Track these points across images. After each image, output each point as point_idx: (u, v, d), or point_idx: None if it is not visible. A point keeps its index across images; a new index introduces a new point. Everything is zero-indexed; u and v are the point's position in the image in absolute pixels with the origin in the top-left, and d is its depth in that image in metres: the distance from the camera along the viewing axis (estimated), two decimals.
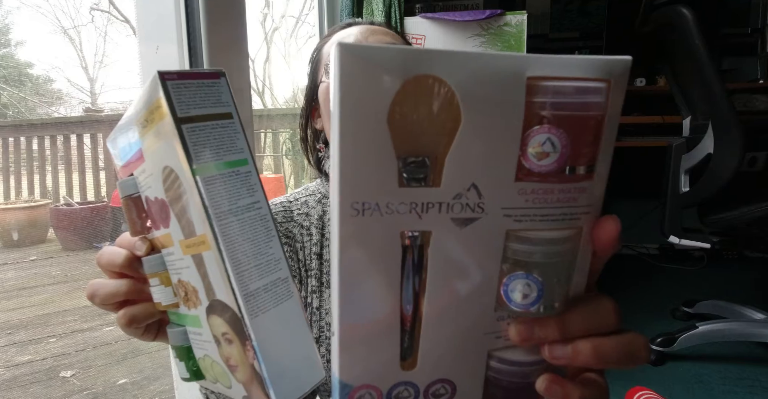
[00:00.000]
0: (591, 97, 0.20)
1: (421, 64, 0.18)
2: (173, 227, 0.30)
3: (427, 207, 0.20)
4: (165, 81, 0.26)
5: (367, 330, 0.22)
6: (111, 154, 0.37)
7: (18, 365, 1.53)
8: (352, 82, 0.18)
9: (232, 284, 0.27)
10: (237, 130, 0.29)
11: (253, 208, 0.29)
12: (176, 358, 0.36)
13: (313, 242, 0.61)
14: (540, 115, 0.19)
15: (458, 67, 0.19)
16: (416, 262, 0.21)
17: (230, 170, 0.28)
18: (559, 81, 0.19)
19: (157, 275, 0.34)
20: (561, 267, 0.22)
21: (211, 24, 0.73)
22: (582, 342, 0.23)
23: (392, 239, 0.20)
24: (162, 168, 0.29)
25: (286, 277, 0.30)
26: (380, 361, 0.22)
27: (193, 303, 0.32)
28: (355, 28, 0.61)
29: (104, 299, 0.35)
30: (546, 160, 0.20)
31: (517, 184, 0.20)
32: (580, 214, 0.21)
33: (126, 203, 0.34)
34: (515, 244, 0.21)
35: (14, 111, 3.09)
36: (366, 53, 0.18)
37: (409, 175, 0.20)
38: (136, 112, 0.30)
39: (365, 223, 0.20)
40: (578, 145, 0.20)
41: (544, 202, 0.21)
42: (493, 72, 0.19)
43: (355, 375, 0.22)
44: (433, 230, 0.21)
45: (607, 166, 0.21)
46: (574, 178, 0.21)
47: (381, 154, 0.19)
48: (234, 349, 0.29)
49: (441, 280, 0.21)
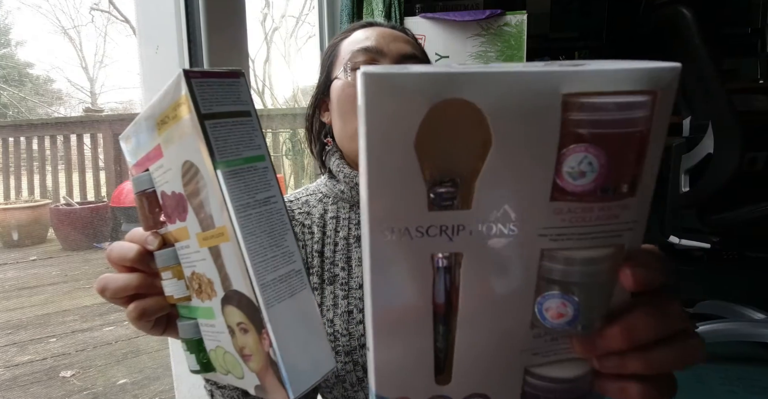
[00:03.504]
0: (634, 112, 0.18)
1: (448, 88, 0.18)
2: (190, 221, 0.31)
3: (458, 229, 0.20)
4: (190, 79, 0.27)
5: (402, 347, 0.22)
6: (124, 151, 0.38)
7: (18, 365, 1.53)
8: (378, 109, 0.18)
9: (249, 274, 0.28)
10: (255, 128, 0.30)
11: (269, 202, 0.30)
12: (186, 351, 0.37)
13: (315, 240, 0.62)
14: (577, 133, 0.18)
15: (488, 89, 0.18)
16: (448, 284, 0.21)
17: (249, 165, 0.29)
18: (597, 97, 0.18)
19: (170, 269, 0.35)
20: (600, 287, 0.21)
21: (211, 24, 0.73)
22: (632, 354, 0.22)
23: (423, 262, 0.20)
24: (182, 163, 0.30)
25: (300, 269, 0.31)
26: (415, 375, 0.23)
27: (207, 295, 0.33)
28: (377, 30, 0.61)
29: (115, 293, 0.35)
30: (583, 180, 0.19)
31: (553, 203, 0.19)
32: (622, 230, 0.20)
33: (140, 199, 0.35)
34: (550, 264, 0.20)
35: (14, 111, 3.09)
36: (390, 80, 0.18)
37: (438, 200, 0.19)
38: (155, 110, 0.31)
39: (395, 247, 0.20)
40: (619, 165, 0.19)
41: (582, 221, 0.20)
42: (525, 90, 0.18)
43: (389, 387, 0.23)
44: (464, 252, 0.20)
45: (653, 179, 0.20)
46: (614, 197, 0.19)
47: (409, 179, 0.19)
48: (249, 338, 0.30)
49: (473, 301, 0.21)
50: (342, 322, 0.57)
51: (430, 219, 0.20)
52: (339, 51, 0.63)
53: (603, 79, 0.18)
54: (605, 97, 0.18)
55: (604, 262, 0.20)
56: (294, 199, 0.66)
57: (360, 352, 0.56)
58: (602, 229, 0.20)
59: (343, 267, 0.60)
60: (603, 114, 0.18)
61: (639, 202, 0.20)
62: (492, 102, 0.18)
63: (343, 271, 0.59)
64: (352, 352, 0.56)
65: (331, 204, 0.64)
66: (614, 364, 0.22)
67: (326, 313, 0.58)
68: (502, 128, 0.18)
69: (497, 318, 0.22)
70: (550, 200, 0.19)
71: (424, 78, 0.18)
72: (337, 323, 0.57)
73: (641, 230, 0.21)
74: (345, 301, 0.58)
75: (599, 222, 0.20)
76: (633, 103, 0.18)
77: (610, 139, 0.18)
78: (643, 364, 0.22)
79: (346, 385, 0.56)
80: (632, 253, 0.21)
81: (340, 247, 0.61)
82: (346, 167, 0.62)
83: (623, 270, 0.21)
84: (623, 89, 0.18)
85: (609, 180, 0.19)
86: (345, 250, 0.60)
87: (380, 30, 0.62)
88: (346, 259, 0.60)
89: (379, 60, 0.59)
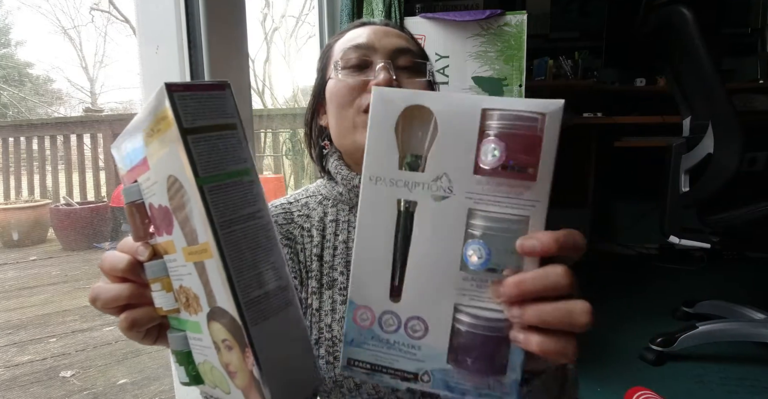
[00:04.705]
0: (525, 122, 0.29)
1: (416, 99, 0.30)
2: (176, 234, 0.31)
3: (415, 185, 0.31)
4: (172, 92, 0.27)
5: (372, 267, 0.32)
6: (115, 159, 0.37)
7: (18, 365, 1.53)
8: (379, 108, 0.31)
9: (233, 292, 0.27)
10: (240, 141, 0.29)
11: (254, 217, 0.29)
12: (176, 362, 0.36)
13: (314, 244, 0.61)
14: (488, 131, 0.29)
15: (438, 102, 0.30)
16: (407, 222, 0.31)
17: (233, 180, 0.29)
18: (502, 111, 0.29)
19: (159, 280, 0.34)
20: (506, 240, 0.29)
21: (211, 24, 0.73)
22: (529, 305, 0.29)
23: (392, 203, 0.31)
24: (166, 177, 0.30)
25: (287, 284, 0.30)
26: (376, 290, 0.32)
27: (194, 309, 0.32)
28: (370, 28, 0.61)
29: (106, 303, 0.35)
30: (492, 160, 0.29)
31: (475, 176, 0.30)
32: (525, 205, 0.29)
33: (130, 209, 0.35)
34: (473, 220, 0.30)
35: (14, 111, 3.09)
36: (386, 93, 0.31)
37: (406, 164, 0.31)
38: (142, 121, 0.31)
39: (377, 190, 0.31)
40: (517, 152, 0.29)
41: (496, 192, 0.29)
42: (461, 104, 0.30)
43: (359, 296, 0.32)
44: (419, 201, 0.31)
45: (548, 175, 0.29)
46: (514, 175, 0.29)
47: (390, 148, 0.31)
48: (234, 355, 0.30)
49: (422, 238, 0.31)
50: (340, 328, 0.56)
51: (399, 175, 0.31)
52: (332, 52, 0.62)
53: (510, 102, 0.29)
54: (508, 111, 0.29)
55: (510, 223, 0.29)
56: (293, 200, 0.66)
57: None
58: (510, 200, 0.29)
59: (342, 271, 0.59)
60: (505, 120, 0.29)
61: (539, 187, 0.29)
62: (439, 109, 0.30)
63: (342, 276, 0.59)
64: None
65: (331, 206, 0.63)
66: (516, 313, 0.29)
67: (324, 318, 0.57)
68: (445, 125, 0.30)
69: (436, 256, 0.30)
70: (473, 173, 0.30)
71: (402, 93, 0.31)
72: (335, 329, 0.56)
73: (542, 209, 0.29)
74: (343, 307, 0.57)
75: (507, 194, 0.29)
76: (526, 116, 0.29)
77: (510, 136, 0.29)
78: (535, 315, 0.28)
79: (344, 391, 0.56)
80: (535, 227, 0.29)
81: (339, 251, 0.60)
82: (344, 169, 0.61)
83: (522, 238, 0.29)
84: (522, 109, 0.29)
85: (506, 161, 0.29)
86: (344, 254, 0.60)
87: (372, 27, 0.62)
88: (345, 263, 0.59)
89: (371, 56, 0.58)
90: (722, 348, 1.61)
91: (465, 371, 0.31)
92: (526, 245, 0.29)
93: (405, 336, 0.31)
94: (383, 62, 0.57)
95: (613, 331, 1.82)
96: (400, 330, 0.31)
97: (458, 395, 0.31)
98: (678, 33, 1.41)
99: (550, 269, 0.29)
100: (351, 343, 0.32)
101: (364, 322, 0.32)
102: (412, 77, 0.60)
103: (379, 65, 0.57)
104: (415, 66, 0.60)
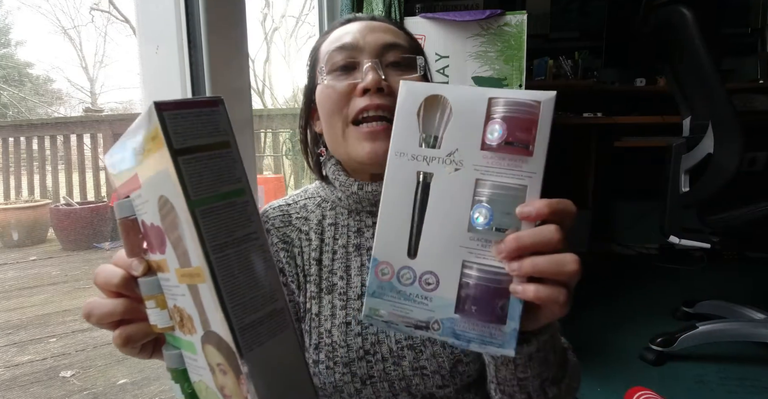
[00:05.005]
0: (524, 107, 0.34)
1: (434, 91, 0.36)
2: (169, 255, 0.30)
3: (432, 159, 0.36)
4: (161, 112, 0.26)
5: (393, 228, 0.36)
6: (107, 170, 0.36)
7: (18, 365, 1.53)
8: (406, 97, 0.37)
9: (226, 318, 0.27)
10: (234, 159, 0.28)
11: (249, 239, 0.28)
12: (172, 379, 0.36)
13: (312, 248, 0.60)
14: (493, 115, 0.35)
15: (453, 92, 0.36)
16: (425, 190, 0.36)
17: (227, 201, 0.28)
18: (506, 98, 0.34)
19: (153, 298, 0.33)
20: (507, 204, 0.34)
21: (211, 24, 0.72)
22: (526, 258, 0.33)
23: (413, 174, 0.36)
24: (158, 197, 0.29)
25: (282, 307, 0.29)
26: (397, 248, 0.36)
27: (189, 329, 0.32)
28: (354, 25, 0.59)
29: (100, 319, 0.35)
30: (495, 137, 0.34)
31: (482, 152, 0.35)
32: (523, 176, 0.34)
33: (122, 224, 0.34)
34: (480, 188, 0.35)
35: (14, 111, 3.09)
36: (411, 86, 0.37)
37: (425, 141, 0.36)
38: (134, 138, 0.30)
39: (400, 163, 0.37)
40: (517, 131, 0.34)
41: (499, 165, 0.35)
42: (471, 94, 0.35)
43: (381, 253, 0.37)
44: (435, 172, 0.36)
45: (543, 152, 0.34)
46: (514, 150, 0.34)
47: (412, 129, 0.36)
48: (228, 379, 0.29)
49: (437, 203, 0.36)
50: (340, 334, 0.56)
51: (419, 151, 0.36)
52: (319, 55, 0.60)
53: (512, 93, 0.34)
54: (510, 99, 0.34)
55: (510, 190, 0.34)
56: (292, 202, 0.65)
57: (358, 364, 0.55)
58: (510, 172, 0.34)
59: (341, 276, 0.58)
60: (507, 106, 0.34)
61: (535, 161, 0.34)
62: (453, 97, 0.36)
63: (341, 281, 0.58)
64: (350, 364, 0.55)
65: (329, 209, 0.62)
66: (515, 266, 0.33)
67: (324, 323, 0.57)
68: (458, 110, 0.35)
69: (448, 219, 0.35)
70: (480, 149, 0.35)
71: (423, 86, 0.37)
72: (335, 334, 0.56)
73: (538, 180, 0.34)
74: (343, 312, 0.56)
75: (509, 167, 0.34)
76: (525, 102, 0.34)
77: (510, 118, 0.34)
78: (530, 265, 0.33)
79: (344, 396, 0.56)
80: (531, 195, 0.34)
81: (339, 256, 0.59)
82: (342, 174, 0.60)
83: (520, 205, 0.34)
84: (520, 98, 0.34)
85: (508, 138, 0.34)
86: (344, 258, 0.59)
87: (357, 24, 0.59)
88: (345, 267, 0.58)
89: (357, 56, 0.56)
90: (722, 348, 1.61)
91: (470, 319, 0.35)
92: (524, 211, 0.33)
93: (419, 288, 0.36)
94: (370, 62, 0.55)
95: (613, 331, 1.82)
96: (416, 283, 0.36)
97: (464, 342, 0.35)
98: (678, 33, 1.41)
99: (543, 227, 0.33)
100: (372, 294, 0.37)
101: (385, 276, 0.37)
102: (402, 74, 0.57)
103: (366, 65, 0.55)
104: (405, 61, 0.57)
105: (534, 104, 0.34)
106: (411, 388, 0.55)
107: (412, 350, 0.54)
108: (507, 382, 0.45)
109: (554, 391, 0.45)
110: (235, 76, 0.76)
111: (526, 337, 0.40)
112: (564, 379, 0.46)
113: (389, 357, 0.55)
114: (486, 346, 0.35)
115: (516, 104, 0.34)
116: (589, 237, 2.53)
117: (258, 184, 2.61)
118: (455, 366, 0.54)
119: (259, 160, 3.35)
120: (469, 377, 0.56)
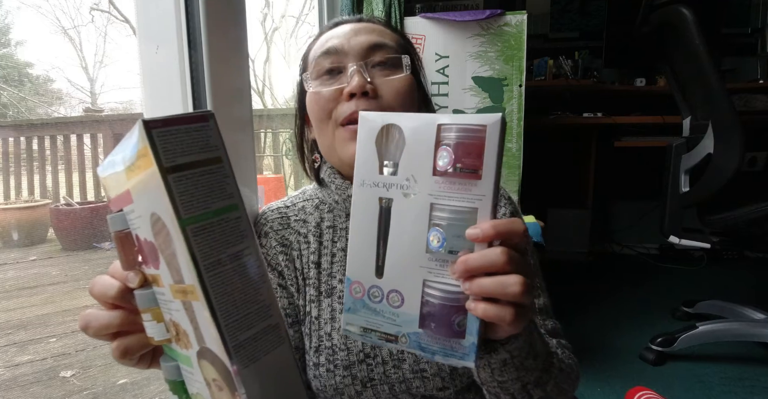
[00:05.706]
0: (470, 133, 0.35)
1: (389, 120, 0.38)
2: (163, 270, 0.30)
3: (391, 185, 0.38)
4: (150, 129, 0.25)
5: (362, 250, 0.39)
6: (101, 182, 0.36)
7: (18, 365, 1.53)
8: (364, 127, 0.39)
9: (221, 336, 0.26)
10: (226, 175, 0.28)
11: (242, 255, 0.28)
12: (170, 390, 0.36)
13: (311, 251, 0.60)
14: (443, 141, 0.36)
15: (406, 120, 0.37)
16: (386, 215, 0.38)
17: (219, 218, 0.27)
18: (454, 125, 0.36)
19: (150, 311, 0.33)
20: (459, 227, 0.36)
21: (211, 24, 0.72)
22: (475, 279, 0.34)
23: (375, 200, 0.39)
24: (150, 213, 0.29)
25: (277, 323, 0.29)
26: (365, 269, 0.39)
27: (185, 344, 0.32)
28: (340, 29, 0.59)
29: (97, 331, 0.35)
30: (444, 163, 0.36)
31: (434, 177, 0.36)
32: (474, 199, 0.35)
33: (116, 238, 0.33)
34: (434, 212, 0.36)
35: (14, 111, 3.09)
36: (368, 116, 0.39)
37: (385, 168, 0.38)
38: (124, 154, 0.29)
39: (363, 191, 0.39)
40: (464, 157, 0.35)
41: (450, 189, 0.36)
42: (422, 122, 0.37)
43: (353, 273, 0.40)
44: (394, 198, 0.38)
45: (492, 175, 0.35)
46: (463, 175, 0.35)
47: (371, 157, 0.39)
48: (224, 395, 0.29)
49: (397, 227, 0.38)
50: (340, 337, 0.56)
51: (379, 178, 0.38)
52: (308, 61, 0.60)
53: (460, 118, 0.36)
54: (457, 125, 0.35)
55: (461, 214, 0.35)
56: (290, 204, 0.65)
57: (359, 367, 0.55)
58: (461, 195, 0.35)
59: (341, 279, 0.58)
60: (454, 132, 0.35)
61: (484, 184, 0.35)
62: (407, 125, 0.37)
63: (341, 284, 0.58)
64: (350, 367, 0.55)
65: (327, 211, 0.62)
66: (466, 286, 0.35)
67: (324, 326, 0.57)
68: (410, 138, 0.37)
69: (408, 241, 0.37)
70: (432, 175, 0.36)
71: (380, 115, 0.38)
72: (335, 337, 0.56)
73: (488, 202, 0.35)
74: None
75: (459, 191, 0.36)
76: (471, 128, 0.35)
77: (458, 144, 0.35)
78: (477, 286, 0.34)
79: (345, 398, 0.56)
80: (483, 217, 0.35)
81: (337, 259, 0.59)
82: (337, 178, 0.60)
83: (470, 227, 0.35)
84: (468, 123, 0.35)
85: (456, 164, 0.35)
86: (343, 261, 0.59)
87: (343, 28, 0.59)
88: (344, 271, 0.58)
89: (343, 60, 0.56)
90: (722, 348, 1.61)
91: (432, 334, 0.37)
92: (471, 233, 0.35)
93: (387, 305, 0.39)
94: (355, 65, 0.55)
95: (613, 331, 1.82)
96: (384, 300, 0.39)
97: (429, 354, 0.38)
98: (678, 33, 1.41)
99: (490, 250, 0.34)
100: (348, 310, 0.40)
101: (357, 294, 0.40)
102: (389, 74, 0.56)
103: (351, 69, 0.55)
104: (391, 61, 0.57)
105: (480, 128, 0.35)
106: (411, 390, 0.55)
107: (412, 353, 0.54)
108: (489, 384, 0.45)
109: (539, 393, 0.46)
110: (235, 76, 0.76)
111: (494, 346, 0.41)
112: (549, 382, 0.46)
113: (389, 360, 0.55)
114: (448, 358, 0.37)
115: (463, 130, 0.35)
116: (589, 237, 2.53)
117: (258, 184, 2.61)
118: (455, 368, 0.54)
119: (259, 160, 3.35)
120: (469, 379, 0.56)
